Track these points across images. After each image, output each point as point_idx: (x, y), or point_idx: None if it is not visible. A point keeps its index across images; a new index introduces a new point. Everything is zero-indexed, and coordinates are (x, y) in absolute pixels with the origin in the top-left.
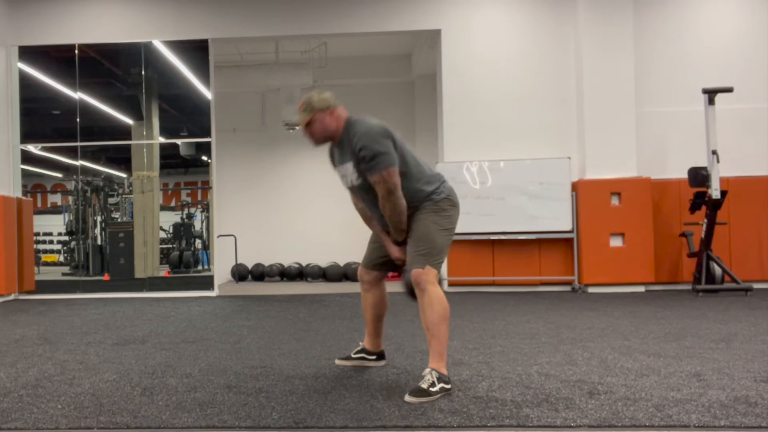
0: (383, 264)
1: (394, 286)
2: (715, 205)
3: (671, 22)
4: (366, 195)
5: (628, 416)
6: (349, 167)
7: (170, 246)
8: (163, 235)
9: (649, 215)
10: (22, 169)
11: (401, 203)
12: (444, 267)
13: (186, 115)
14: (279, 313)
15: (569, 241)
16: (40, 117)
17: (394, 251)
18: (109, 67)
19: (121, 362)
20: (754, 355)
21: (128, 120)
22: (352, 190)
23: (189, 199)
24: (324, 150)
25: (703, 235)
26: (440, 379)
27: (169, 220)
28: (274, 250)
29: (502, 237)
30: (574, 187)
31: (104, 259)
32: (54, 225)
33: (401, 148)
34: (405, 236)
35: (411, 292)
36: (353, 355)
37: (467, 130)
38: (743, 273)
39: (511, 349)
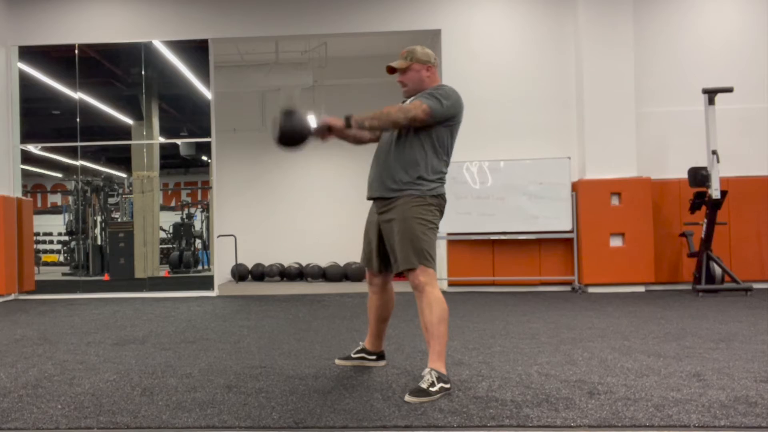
0: (381, 260)
1: (399, 287)
2: (715, 205)
3: (671, 22)
4: (389, 139)
5: (628, 416)
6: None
7: (170, 246)
8: (163, 235)
9: (649, 215)
10: (22, 169)
11: (400, 120)
12: (444, 267)
13: (186, 115)
14: (279, 313)
15: (569, 241)
16: (40, 117)
17: (332, 119)
18: (109, 67)
19: (121, 362)
20: (754, 355)
21: (128, 120)
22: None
23: (189, 199)
24: (323, 150)
25: (703, 235)
26: (440, 379)
27: (169, 220)
28: (274, 250)
29: (502, 237)
30: (574, 187)
31: (104, 259)
32: (54, 225)
33: (453, 129)
34: (363, 123)
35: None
36: (353, 355)
37: (467, 130)
38: (743, 273)
39: (511, 349)
